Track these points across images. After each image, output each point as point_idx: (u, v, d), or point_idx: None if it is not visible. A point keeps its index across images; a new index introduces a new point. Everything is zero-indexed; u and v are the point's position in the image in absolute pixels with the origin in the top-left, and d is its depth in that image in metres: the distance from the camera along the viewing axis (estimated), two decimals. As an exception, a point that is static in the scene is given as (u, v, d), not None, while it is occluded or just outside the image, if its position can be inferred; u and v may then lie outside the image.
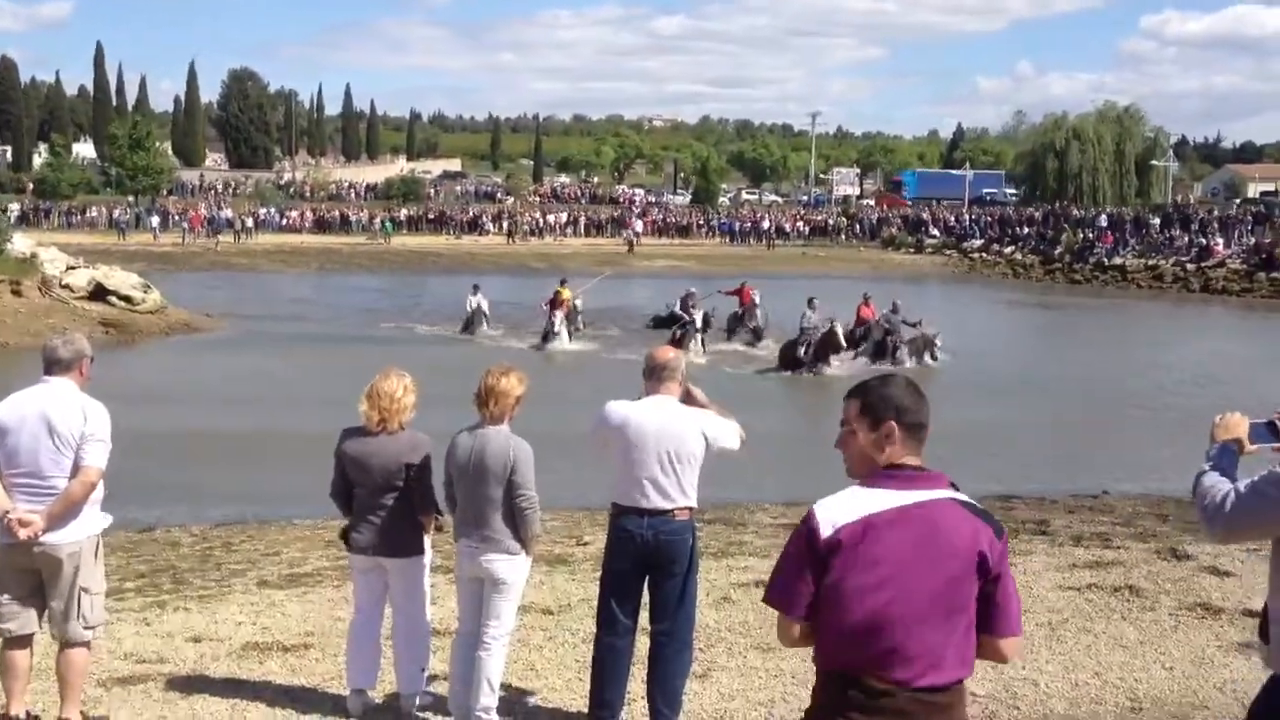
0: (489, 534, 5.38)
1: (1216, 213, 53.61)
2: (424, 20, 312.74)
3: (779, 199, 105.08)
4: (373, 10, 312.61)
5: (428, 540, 5.72)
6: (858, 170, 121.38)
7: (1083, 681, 6.29)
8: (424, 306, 36.76)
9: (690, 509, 5.32)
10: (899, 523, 2.93)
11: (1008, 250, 57.85)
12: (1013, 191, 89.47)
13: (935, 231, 66.51)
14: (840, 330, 23.75)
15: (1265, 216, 51.21)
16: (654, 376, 5.40)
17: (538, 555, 6.88)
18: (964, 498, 3.02)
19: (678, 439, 5.22)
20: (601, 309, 33.15)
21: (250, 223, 66.08)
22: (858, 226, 72.64)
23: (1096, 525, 10.95)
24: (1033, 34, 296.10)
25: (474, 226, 71.91)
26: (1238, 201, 72.02)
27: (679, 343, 22.51)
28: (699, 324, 26.84)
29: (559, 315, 27.46)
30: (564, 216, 75.52)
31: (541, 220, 73.56)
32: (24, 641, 5.16)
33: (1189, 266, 46.77)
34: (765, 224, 72.15)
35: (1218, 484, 3.44)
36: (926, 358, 24.89)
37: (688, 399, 5.41)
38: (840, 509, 2.95)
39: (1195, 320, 38.12)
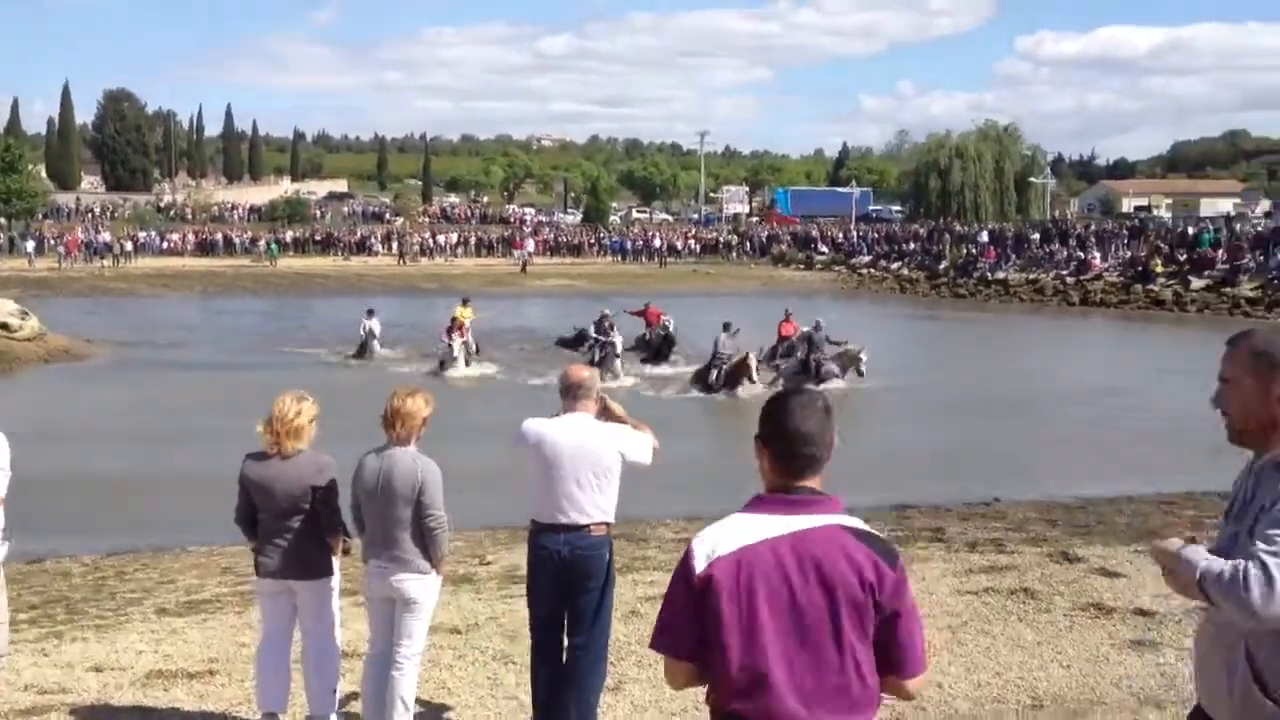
0: (398, 554, 5.37)
1: (1093, 228, 55.25)
2: (308, 38, 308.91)
3: (669, 217, 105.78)
4: (255, 28, 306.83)
5: (335, 562, 5.66)
6: (747, 188, 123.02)
7: (985, 681, 6.45)
8: (312, 330, 35.97)
9: (607, 524, 5.39)
10: (775, 553, 2.75)
11: (895, 266, 59.08)
12: (898, 208, 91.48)
13: (824, 248, 67.64)
14: (754, 362, 23.18)
15: (1140, 231, 52.99)
16: (570, 395, 5.48)
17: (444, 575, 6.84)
18: (854, 524, 2.81)
19: (593, 456, 5.31)
20: (501, 330, 32.87)
21: (130, 246, 64.52)
22: (748, 244, 73.61)
23: (990, 531, 11.22)
24: (912, 55, 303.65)
25: (362, 248, 71.27)
26: (1111, 218, 74.56)
27: (600, 364, 21.92)
28: (618, 346, 26.30)
29: (457, 340, 26.58)
30: (454, 237, 75.22)
31: (432, 241, 73.12)
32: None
33: (1068, 280, 48.14)
34: (657, 242, 72.65)
35: (1225, 567, 2.73)
36: (852, 373, 24.18)
37: (605, 414, 5.47)
38: (717, 540, 2.79)
39: (1077, 332, 39.28)
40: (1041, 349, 33.03)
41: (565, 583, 5.35)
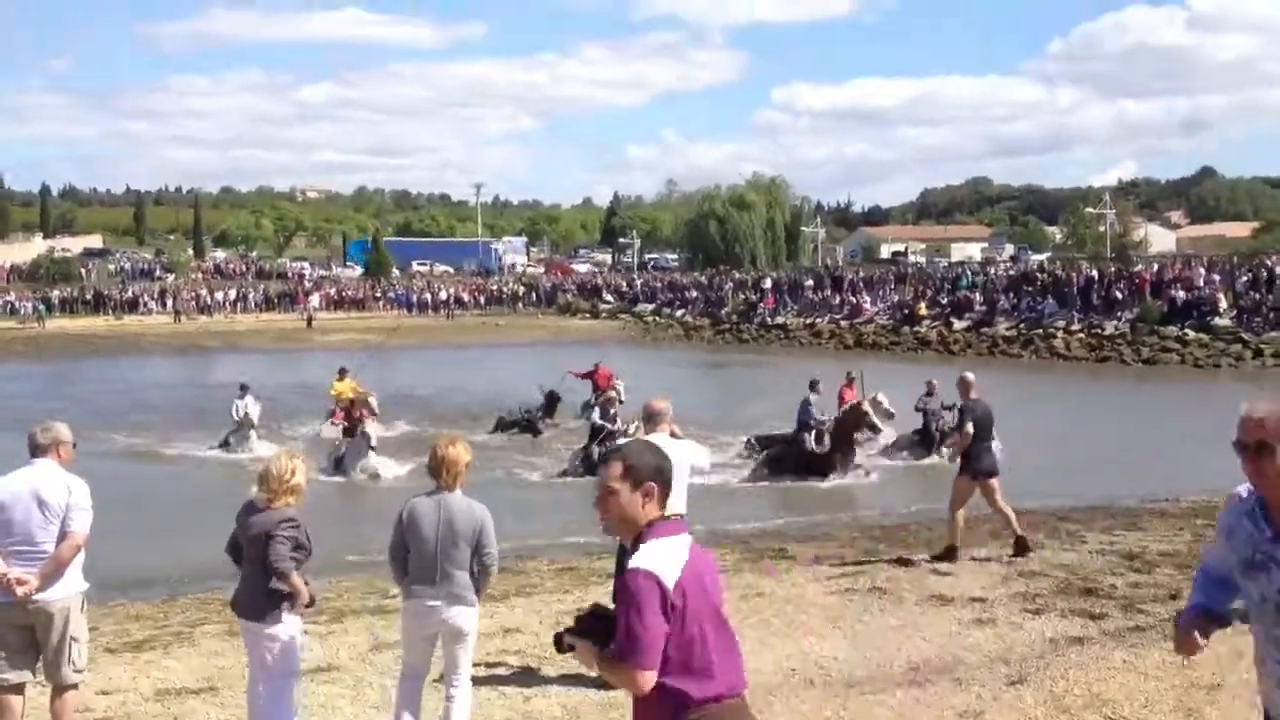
0: (455, 590, 5.94)
1: (862, 274, 58.99)
2: (43, 87, 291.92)
3: (449, 269, 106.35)
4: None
5: (288, 613, 5.75)
6: (525, 239, 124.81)
7: (869, 654, 7.90)
8: (122, 399, 32.59)
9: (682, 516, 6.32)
10: (697, 562, 3.26)
11: (679, 313, 61.54)
12: (673, 257, 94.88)
13: (609, 297, 69.69)
14: (869, 406, 19.55)
15: (903, 276, 56.97)
16: (650, 421, 7.13)
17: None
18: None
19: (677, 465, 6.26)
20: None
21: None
22: (534, 294, 75.01)
23: (827, 548, 12.74)
24: (676, 106, 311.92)
25: (134, 306, 69.16)
26: (873, 264, 79.51)
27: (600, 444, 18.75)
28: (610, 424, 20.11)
29: (366, 428, 20.01)
30: (233, 293, 73.88)
31: (209, 297, 71.64)
32: (19, 689, 5.73)
33: (843, 324, 51.48)
34: (443, 295, 73.21)
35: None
36: None
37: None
38: (665, 562, 3.20)
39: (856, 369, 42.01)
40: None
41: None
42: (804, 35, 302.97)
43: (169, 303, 69.05)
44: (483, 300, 74.06)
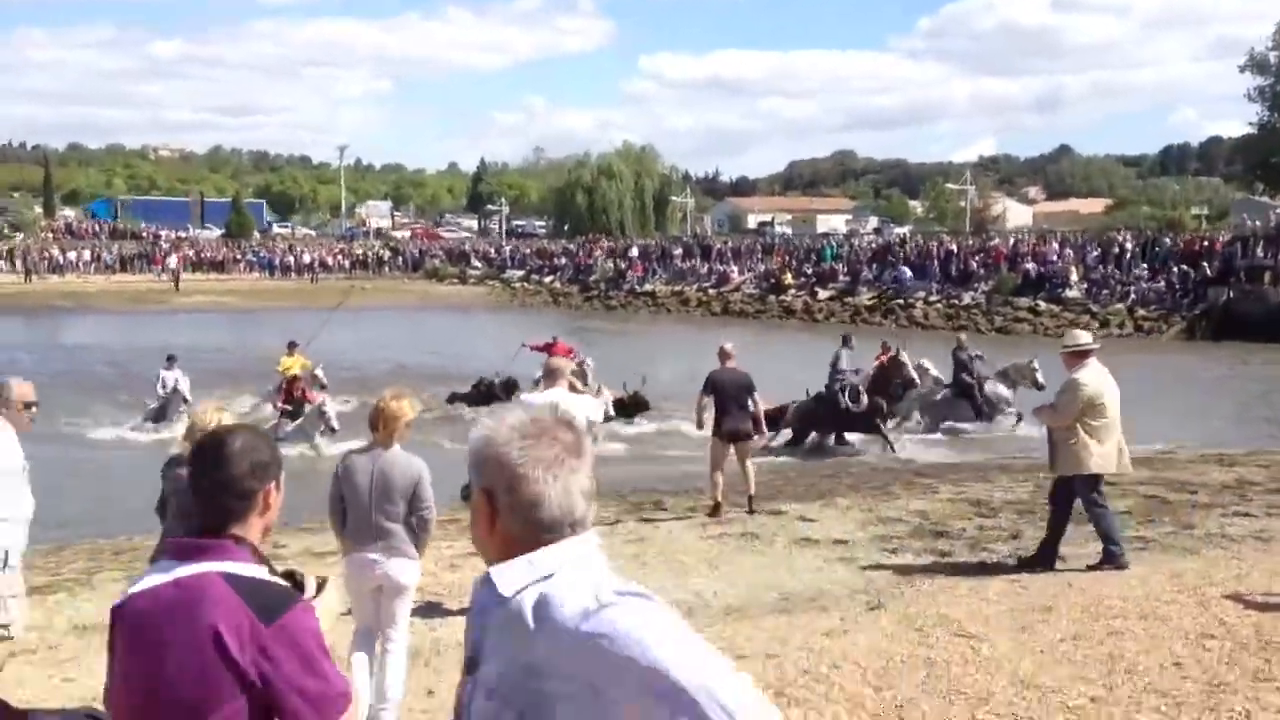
0: (393, 544, 5.94)
1: (730, 244, 60.11)
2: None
3: (311, 232, 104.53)
4: None
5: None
6: (390, 203, 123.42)
7: (745, 589, 8.56)
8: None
9: None
10: (147, 600, 2.51)
11: (548, 280, 61.89)
12: (540, 223, 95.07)
13: (478, 263, 69.64)
14: (907, 357, 18.62)
15: (771, 246, 58.26)
16: (549, 378, 7.86)
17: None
18: (236, 570, 2.48)
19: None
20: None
21: None
22: (400, 259, 74.42)
23: (698, 501, 13.39)
24: (542, 71, 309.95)
25: (-22, 265, 66.65)
26: (740, 234, 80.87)
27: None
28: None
29: (309, 408, 18.92)
30: (87, 253, 71.66)
31: (62, 257, 69.43)
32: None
33: (710, 292, 52.56)
34: (306, 258, 72.13)
35: None
36: (1028, 388, 19.04)
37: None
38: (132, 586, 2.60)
39: (723, 338, 43.03)
40: (690, 352, 36.22)
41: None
42: (672, 4, 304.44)
43: (17, 262, 66.71)
44: (347, 264, 73.19)
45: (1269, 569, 8.31)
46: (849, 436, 18.55)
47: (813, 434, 18.69)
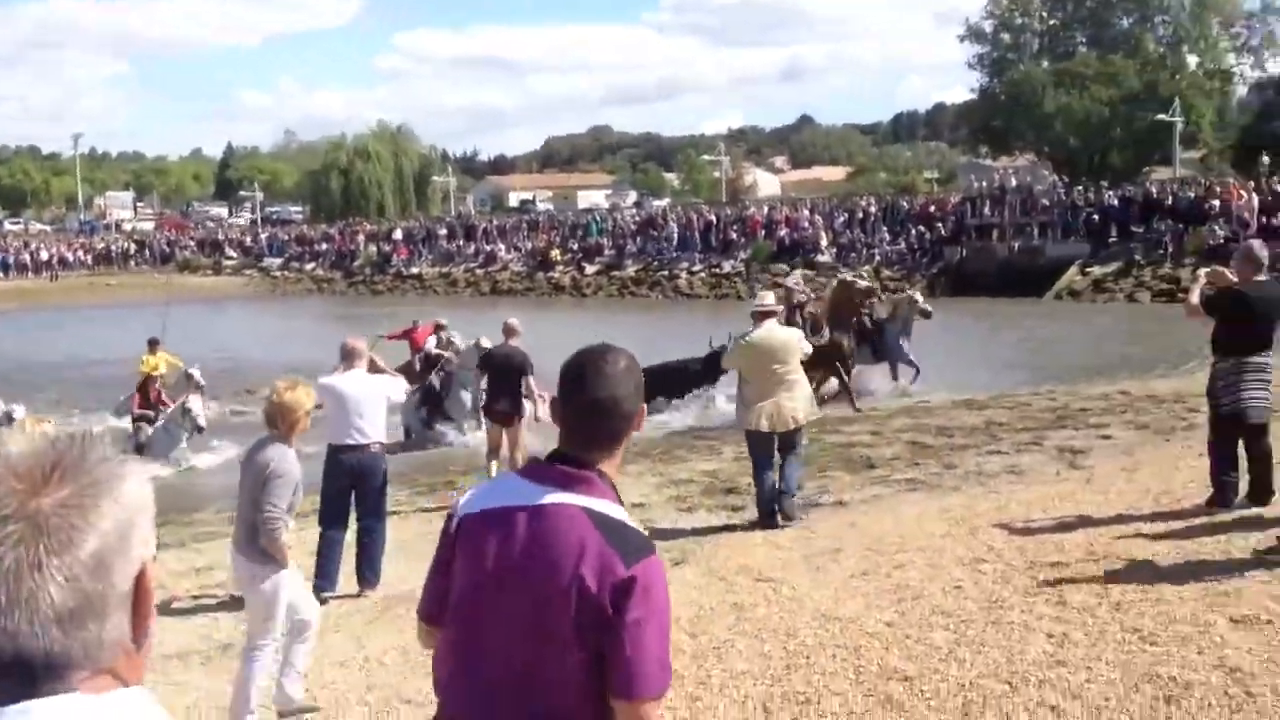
0: (243, 543, 5.64)
1: (496, 223, 60.01)
2: None
3: (47, 227, 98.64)
4: None
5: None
6: (133, 193, 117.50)
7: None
8: None
9: (381, 443, 8.04)
10: (504, 523, 2.42)
11: (309, 267, 60.41)
12: (296, 209, 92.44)
13: (233, 253, 67.34)
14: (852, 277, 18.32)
15: (536, 224, 58.47)
16: (347, 360, 8.13)
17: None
18: (599, 508, 2.41)
19: (372, 397, 7.91)
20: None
21: None
22: (147, 251, 71.14)
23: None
24: (291, 50, 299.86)
25: None
26: (504, 213, 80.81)
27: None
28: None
29: (172, 408, 16.37)
30: None
31: None
32: None
33: (479, 271, 52.46)
34: (44, 255, 68.19)
35: None
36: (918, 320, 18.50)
37: (373, 368, 7.81)
38: (476, 497, 2.55)
39: (499, 317, 43.15)
40: (464, 330, 36.23)
41: (355, 483, 8.00)
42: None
43: None
44: (90, 260, 69.50)
45: (1025, 500, 9.22)
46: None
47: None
